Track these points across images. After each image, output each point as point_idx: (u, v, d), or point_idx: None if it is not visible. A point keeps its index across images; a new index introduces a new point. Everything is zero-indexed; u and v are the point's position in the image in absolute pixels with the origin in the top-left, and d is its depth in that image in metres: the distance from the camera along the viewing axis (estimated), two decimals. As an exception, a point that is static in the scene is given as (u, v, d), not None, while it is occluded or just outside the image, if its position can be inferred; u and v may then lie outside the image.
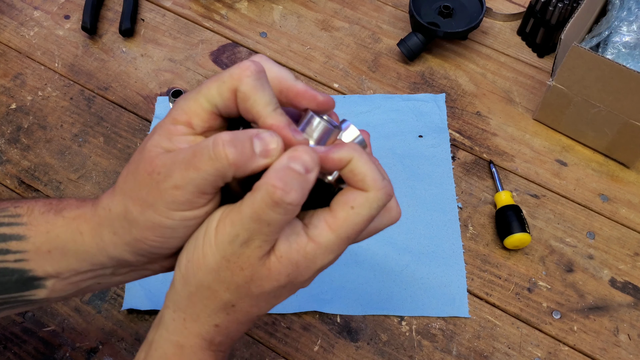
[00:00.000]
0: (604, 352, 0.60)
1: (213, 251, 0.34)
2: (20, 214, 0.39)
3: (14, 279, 0.38)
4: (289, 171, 0.31)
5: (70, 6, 0.86)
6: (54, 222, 0.39)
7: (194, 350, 0.37)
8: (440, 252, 0.65)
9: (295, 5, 0.87)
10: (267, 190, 0.31)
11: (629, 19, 0.71)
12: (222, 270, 0.34)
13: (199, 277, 0.35)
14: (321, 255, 0.34)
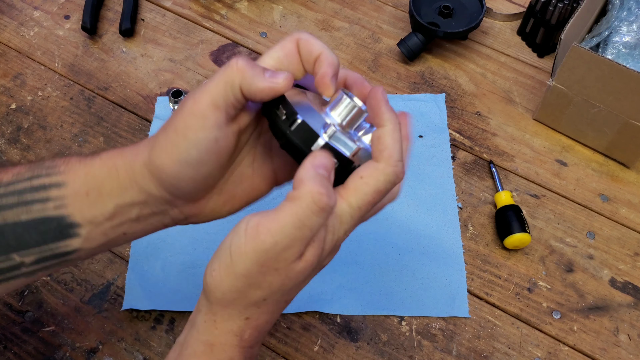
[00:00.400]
0: (604, 352, 0.60)
1: (244, 260, 0.35)
2: (57, 164, 0.41)
3: (53, 226, 0.40)
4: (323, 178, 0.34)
5: (70, 6, 0.86)
6: (91, 164, 0.41)
7: (224, 348, 0.38)
8: (440, 252, 0.65)
9: (295, 5, 0.87)
10: (313, 197, 0.33)
11: (629, 19, 0.71)
12: (254, 275, 0.35)
13: (227, 283, 0.36)
14: (338, 226, 0.36)
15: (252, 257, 0.35)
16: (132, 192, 0.40)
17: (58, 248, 0.41)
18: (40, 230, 0.40)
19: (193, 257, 0.64)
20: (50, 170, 0.41)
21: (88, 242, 0.41)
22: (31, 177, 0.41)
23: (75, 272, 0.63)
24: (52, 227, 0.40)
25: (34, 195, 0.40)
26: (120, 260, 0.64)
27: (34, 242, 0.40)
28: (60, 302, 0.61)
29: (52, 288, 0.62)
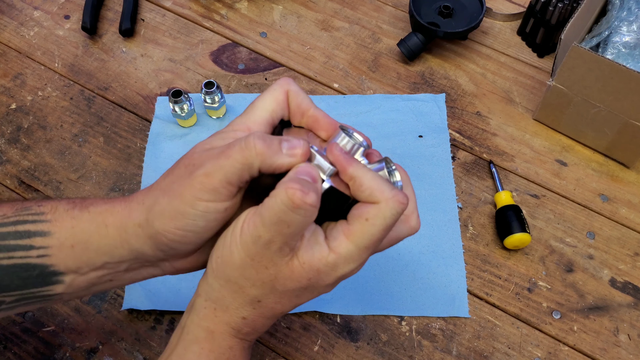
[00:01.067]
0: (604, 352, 0.60)
1: (239, 249, 0.37)
2: (44, 212, 0.41)
3: (35, 274, 0.40)
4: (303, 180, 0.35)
5: (70, 6, 0.86)
6: (79, 217, 0.40)
7: (224, 336, 0.40)
8: (440, 252, 0.65)
9: (295, 5, 0.87)
10: (287, 192, 0.34)
11: (629, 19, 0.71)
12: (247, 267, 0.37)
13: (227, 272, 0.38)
14: (342, 265, 0.37)
15: (244, 248, 0.36)
16: (122, 250, 0.40)
17: (40, 292, 0.41)
18: (22, 276, 0.40)
19: (193, 257, 0.64)
20: (37, 217, 0.41)
21: (71, 288, 0.41)
22: (16, 222, 0.40)
23: (75, 272, 0.63)
24: (34, 274, 0.40)
25: (17, 242, 0.40)
26: (120, 260, 0.64)
27: (14, 286, 0.40)
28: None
29: (52, 288, 0.62)
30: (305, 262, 0.37)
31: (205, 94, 0.71)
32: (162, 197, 0.38)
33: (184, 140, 0.73)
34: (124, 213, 0.40)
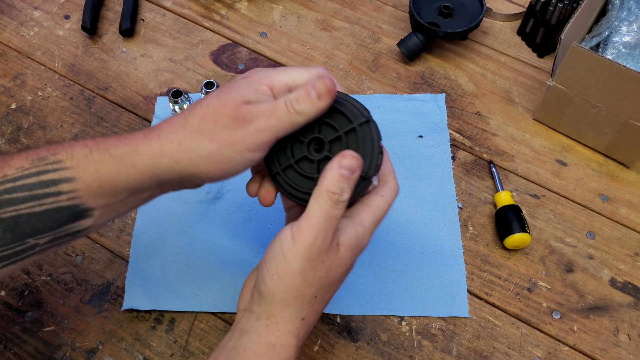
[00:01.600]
0: (604, 352, 0.60)
1: (297, 258, 0.42)
2: (61, 159, 0.43)
3: (67, 214, 0.43)
4: (340, 177, 0.42)
5: (70, 6, 0.86)
6: (101, 161, 0.43)
7: (284, 347, 0.44)
8: (440, 252, 0.65)
9: (295, 5, 0.87)
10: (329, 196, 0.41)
11: (629, 19, 0.71)
12: (307, 270, 0.42)
13: (287, 282, 0.42)
14: (367, 235, 0.45)
15: (303, 253, 0.42)
16: (150, 182, 0.44)
17: (71, 228, 0.44)
18: (55, 218, 0.43)
19: (193, 257, 0.64)
20: (56, 165, 0.43)
21: (99, 220, 0.45)
22: (38, 173, 0.42)
23: (75, 272, 0.63)
24: (67, 215, 0.43)
25: (45, 190, 0.42)
26: (120, 260, 0.64)
27: (48, 228, 0.43)
28: (60, 302, 0.61)
29: (52, 288, 0.62)
30: (347, 244, 0.44)
31: (205, 94, 0.71)
32: (210, 144, 0.42)
33: (184, 140, 0.72)
34: (153, 152, 0.43)
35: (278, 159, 0.46)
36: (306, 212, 0.42)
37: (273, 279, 0.43)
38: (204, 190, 0.68)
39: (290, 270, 0.42)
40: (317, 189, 0.42)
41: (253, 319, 0.45)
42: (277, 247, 0.43)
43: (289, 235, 0.42)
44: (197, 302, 0.61)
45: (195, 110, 0.43)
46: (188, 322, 0.60)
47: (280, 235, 0.43)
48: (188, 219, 0.66)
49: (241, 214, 0.67)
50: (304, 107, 0.42)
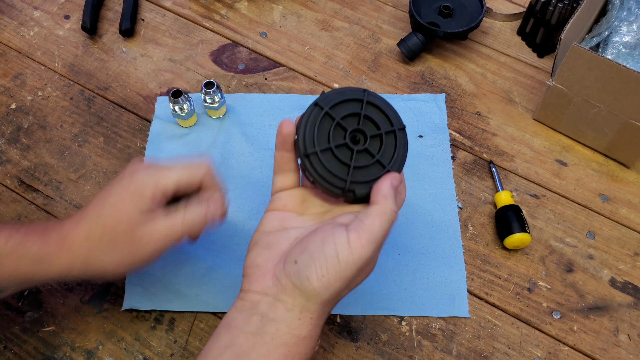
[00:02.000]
0: (604, 352, 0.60)
1: (352, 266, 0.43)
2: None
3: None
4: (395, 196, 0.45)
5: (70, 6, 0.86)
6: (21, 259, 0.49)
7: (313, 339, 0.45)
8: (440, 252, 0.65)
9: (295, 5, 0.87)
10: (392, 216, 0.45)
11: (629, 19, 0.71)
12: (354, 277, 0.44)
13: (336, 286, 0.43)
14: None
15: (358, 264, 0.43)
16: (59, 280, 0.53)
17: None
18: None
19: (193, 257, 0.64)
20: None
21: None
22: None
23: (75, 272, 0.63)
24: None
25: None
26: (120, 260, 0.64)
27: None
28: (60, 302, 0.61)
29: (52, 288, 0.62)
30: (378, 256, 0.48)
31: (205, 94, 0.71)
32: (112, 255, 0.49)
33: (184, 140, 0.73)
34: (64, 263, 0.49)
35: (315, 140, 0.46)
36: (368, 225, 0.44)
37: (322, 281, 0.43)
38: (204, 190, 0.68)
39: (342, 277, 0.43)
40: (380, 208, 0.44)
41: (282, 308, 0.44)
42: (330, 248, 0.43)
43: (346, 240, 0.43)
44: (197, 302, 0.61)
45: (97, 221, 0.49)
46: (188, 322, 0.60)
47: (335, 234, 0.44)
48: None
49: (241, 214, 0.67)
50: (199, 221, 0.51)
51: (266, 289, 0.45)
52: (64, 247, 0.48)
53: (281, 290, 0.44)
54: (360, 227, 0.44)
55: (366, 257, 0.43)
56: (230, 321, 0.45)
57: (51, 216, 0.67)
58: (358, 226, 0.44)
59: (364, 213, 0.44)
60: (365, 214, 0.44)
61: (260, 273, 0.46)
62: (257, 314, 0.44)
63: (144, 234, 0.48)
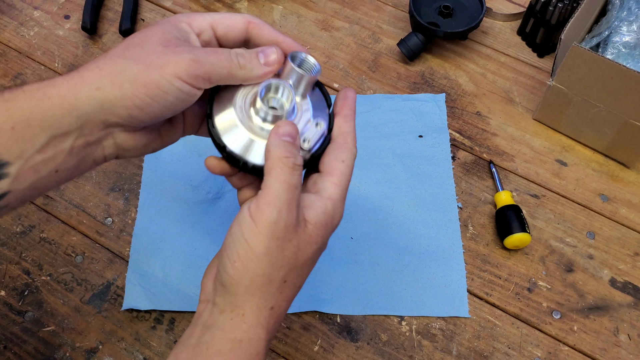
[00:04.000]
0: (604, 352, 0.60)
1: (260, 238, 0.38)
2: None
3: None
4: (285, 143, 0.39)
5: (70, 6, 0.86)
6: (14, 98, 0.38)
7: (252, 342, 0.39)
8: (440, 252, 0.65)
9: (295, 5, 0.87)
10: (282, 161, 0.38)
11: (629, 19, 0.71)
12: (273, 250, 0.38)
13: (252, 267, 0.38)
14: (337, 209, 0.41)
15: (266, 232, 0.37)
16: (69, 119, 0.38)
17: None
18: None
19: (193, 257, 0.64)
20: None
21: (18, 182, 0.39)
22: None
23: (75, 272, 0.63)
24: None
25: None
26: (120, 260, 0.64)
27: None
28: (60, 302, 0.61)
29: (52, 288, 0.62)
30: (316, 222, 0.40)
31: (205, 94, 0.71)
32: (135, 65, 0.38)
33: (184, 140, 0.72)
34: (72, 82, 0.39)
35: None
36: (263, 188, 0.38)
37: (235, 266, 0.38)
38: (204, 190, 0.68)
39: (254, 254, 0.38)
40: (267, 163, 0.39)
41: (216, 312, 0.40)
42: (236, 230, 0.39)
43: (247, 215, 0.38)
44: (197, 302, 0.61)
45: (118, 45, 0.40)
46: (188, 322, 0.60)
47: (238, 217, 0.39)
48: (188, 219, 0.66)
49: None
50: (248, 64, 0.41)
51: (208, 296, 0.42)
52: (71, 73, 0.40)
53: (215, 292, 0.41)
54: (259, 194, 0.39)
55: (272, 221, 0.37)
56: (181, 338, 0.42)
57: (51, 216, 0.67)
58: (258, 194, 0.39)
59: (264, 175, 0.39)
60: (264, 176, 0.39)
61: (205, 280, 0.43)
62: (199, 324, 0.41)
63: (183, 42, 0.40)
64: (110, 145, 0.42)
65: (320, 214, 0.40)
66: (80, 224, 0.66)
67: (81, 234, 0.66)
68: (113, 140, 0.42)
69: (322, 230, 0.40)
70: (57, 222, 0.66)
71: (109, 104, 0.39)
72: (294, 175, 0.38)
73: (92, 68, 0.39)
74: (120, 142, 0.42)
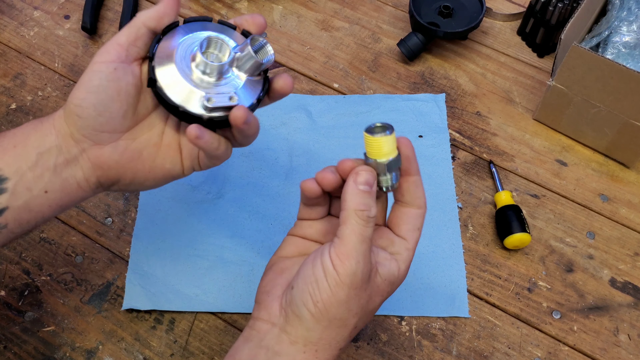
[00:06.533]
0: (604, 352, 0.60)
1: (342, 287, 0.40)
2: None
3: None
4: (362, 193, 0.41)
5: (70, 6, 0.86)
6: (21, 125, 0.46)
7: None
8: (440, 252, 0.65)
9: (295, 5, 0.87)
10: (357, 214, 0.40)
11: (629, 19, 0.71)
12: (352, 299, 0.41)
13: (332, 312, 0.41)
14: (405, 272, 0.44)
15: (348, 282, 0.40)
16: (50, 137, 0.44)
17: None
18: None
19: (193, 257, 0.64)
20: None
21: (14, 198, 0.44)
22: None
23: (75, 272, 0.63)
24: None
25: None
26: (120, 260, 0.64)
27: None
28: (60, 302, 0.61)
29: (52, 288, 0.62)
30: (386, 278, 0.43)
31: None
32: None
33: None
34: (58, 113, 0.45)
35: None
36: (340, 237, 0.40)
37: (318, 307, 0.40)
38: (204, 190, 0.68)
39: (336, 300, 0.40)
40: (344, 213, 0.41)
41: (287, 341, 0.42)
42: (319, 273, 0.40)
43: (329, 263, 0.40)
44: (197, 302, 0.61)
45: None
46: (188, 322, 0.61)
47: (322, 261, 0.41)
48: (188, 219, 0.66)
49: (241, 213, 0.67)
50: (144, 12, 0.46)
51: (274, 318, 0.43)
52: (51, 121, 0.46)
53: (285, 320, 0.42)
54: (336, 242, 0.41)
55: (352, 272, 0.40)
56: (235, 353, 0.43)
57: (51, 216, 0.67)
58: (335, 242, 0.41)
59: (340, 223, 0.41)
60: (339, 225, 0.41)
61: (269, 300, 0.44)
62: (264, 347, 0.42)
63: None
64: (85, 162, 0.46)
65: (392, 273, 0.43)
66: (80, 224, 0.66)
67: (81, 234, 0.66)
68: (87, 156, 0.45)
69: (390, 287, 0.43)
70: (57, 222, 0.66)
71: (68, 114, 0.44)
72: (368, 228, 0.40)
73: None
74: (93, 158, 0.45)
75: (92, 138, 0.45)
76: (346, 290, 0.40)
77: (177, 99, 0.44)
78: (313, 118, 0.74)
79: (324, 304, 0.40)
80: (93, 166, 0.45)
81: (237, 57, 0.45)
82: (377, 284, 0.42)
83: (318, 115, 0.75)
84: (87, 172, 0.46)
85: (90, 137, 0.45)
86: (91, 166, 0.45)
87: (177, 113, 0.44)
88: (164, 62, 0.44)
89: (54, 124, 0.45)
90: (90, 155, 0.45)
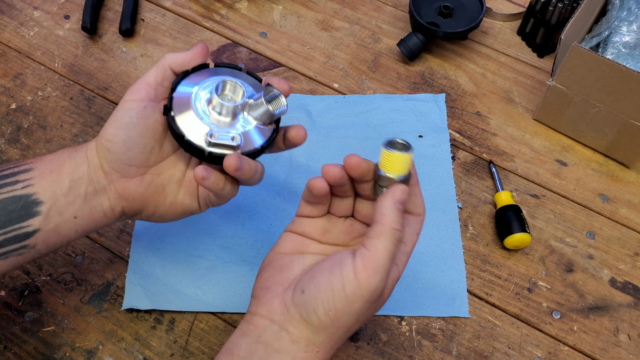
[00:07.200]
0: (604, 352, 0.60)
1: (359, 299, 0.40)
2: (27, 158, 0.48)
3: (19, 205, 0.45)
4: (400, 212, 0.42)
5: (70, 6, 0.86)
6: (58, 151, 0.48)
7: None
8: (440, 252, 0.65)
9: (295, 5, 0.87)
10: (395, 235, 0.41)
11: (629, 19, 0.71)
12: (364, 311, 0.41)
13: (342, 321, 0.41)
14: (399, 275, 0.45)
15: (367, 296, 0.40)
16: (83, 166, 0.47)
17: (21, 228, 0.45)
18: (8, 210, 0.45)
19: (193, 257, 0.64)
20: (20, 162, 0.47)
21: (46, 222, 0.46)
22: (1, 169, 0.47)
23: (75, 272, 0.63)
24: (19, 206, 0.45)
25: (4, 180, 0.46)
26: (120, 260, 0.64)
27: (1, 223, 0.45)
28: (60, 302, 0.61)
29: (52, 288, 0.62)
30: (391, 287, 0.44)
31: (205, 94, 0.71)
32: None
33: (184, 140, 0.72)
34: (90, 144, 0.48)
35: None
36: (371, 250, 0.40)
37: (329, 315, 0.41)
38: (204, 190, 0.68)
39: (350, 311, 0.41)
40: (379, 227, 0.41)
41: (287, 339, 0.42)
42: (337, 283, 0.40)
43: (351, 272, 0.40)
44: (197, 302, 0.61)
45: None
46: (188, 322, 0.61)
47: (343, 270, 0.41)
48: (188, 219, 0.66)
49: (241, 213, 0.67)
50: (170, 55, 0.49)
51: (273, 315, 0.43)
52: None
53: (288, 319, 0.43)
54: (365, 254, 0.40)
55: (374, 288, 0.40)
56: (232, 347, 0.43)
57: (51, 216, 0.67)
58: (363, 254, 0.41)
59: (368, 236, 0.41)
60: (369, 238, 0.41)
61: (269, 297, 0.44)
62: (262, 343, 0.43)
63: None
64: (112, 193, 0.48)
65: (394, 279, 0.44)
66: (80, 224, 0.66)
67: (81, 234, 0.66)
68: (114, 187, 0.48)
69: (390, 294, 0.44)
70: (57, 222, 0.66)
71: (99, 147, 0.47)
72: (397, 248, 0.42)
73: None
74: (120, 189, 0.48)
75: (120, 171, 0.47)
76: (362, 303, 0.40)
77: (184, 129, 0.46)
78: (313, 118, 0.74)
79: (337, 313, 0.41)
80: (119, 197, 0.48)
81: (250, 103, 0.47)
82: (385, 294, 0.43)
83: (318, 115, 0.75)
84: (114, 202, 0.48)
85: (119, 170, 0.47)
86: (118, 197, 0.48)
87: (182, 142, 0.46)
88: (182, 96, 0.47)
89: (86, 154, 0.47)
90: (117, 186, 0.48)
